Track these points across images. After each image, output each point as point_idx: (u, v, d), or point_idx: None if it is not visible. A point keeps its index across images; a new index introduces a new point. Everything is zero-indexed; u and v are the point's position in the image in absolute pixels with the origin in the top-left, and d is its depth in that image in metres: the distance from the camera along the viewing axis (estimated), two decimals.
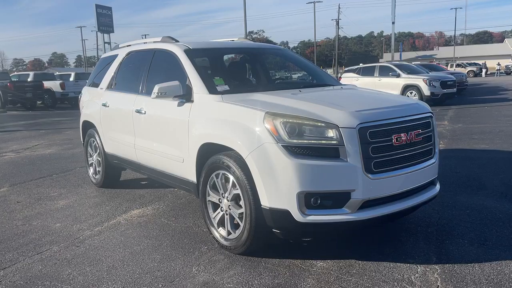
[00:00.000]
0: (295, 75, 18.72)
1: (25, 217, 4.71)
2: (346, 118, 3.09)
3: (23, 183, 6.28)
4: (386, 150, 3.17)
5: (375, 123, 3.15)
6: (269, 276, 3.11)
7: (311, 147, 3.05)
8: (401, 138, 3.22)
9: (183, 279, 3.12)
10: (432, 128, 3.57)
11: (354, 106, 3.35)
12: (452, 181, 5.43)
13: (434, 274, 3.05)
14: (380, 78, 16.67)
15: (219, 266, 3.30)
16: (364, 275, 3.07)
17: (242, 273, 3.17)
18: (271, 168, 3.08)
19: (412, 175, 3.34)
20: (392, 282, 2.96)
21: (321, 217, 3.08)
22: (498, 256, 3.29)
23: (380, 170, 3.14)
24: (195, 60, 4.18)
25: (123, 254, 3.60)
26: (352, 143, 3.03)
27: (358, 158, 3.04)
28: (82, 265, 3.42)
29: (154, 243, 3.81)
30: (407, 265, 3.20)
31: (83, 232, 4.16)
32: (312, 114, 3.15)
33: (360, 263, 3.26)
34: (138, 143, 4.68)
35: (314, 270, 3.18)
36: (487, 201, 4.56)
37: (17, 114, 20.08)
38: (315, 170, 3.02)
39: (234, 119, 3.41)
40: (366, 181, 3.07)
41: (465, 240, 3.61)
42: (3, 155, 8.87)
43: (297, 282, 3.01)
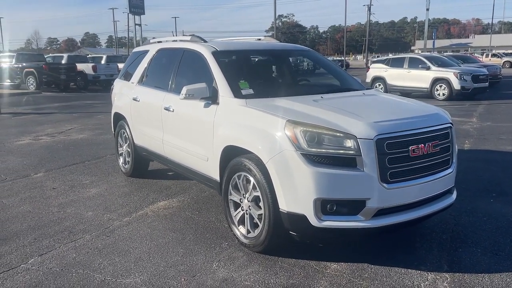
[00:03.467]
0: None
1: (60, 204, 5.03)
2: (364, 129, 3.21)
3: (58, 169, 6.64)
4: (402, 161, 3.28)
5: (392, 135, 3.25)
6: (285, 276, 3.30)
7: (329, 156, 3.19)
8: (418, 149, 3.32)
9: (204, 274, 3.34)
10: (450, 138, 3.64)
11: (373, 116, 3.46)
12: (473, 185, 5.46)
13: (444, 282, 3.17)
14: (410, 70, 16.44)
15: (238, 263, 3.50)
16: (375, 280, 3.22)
17: (259, 272, 3.36)
18: (290, 174, 3.24)
19: (427, 185, 3.43)
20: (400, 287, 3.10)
21: (336, 223, 3.23)
22: (510, 267, 3.37)
23: (396, 180, 3.26)
24: (221, 62, 4.34)
25: (149, 246, 3.85)
26: (369, 153, 3.16)
27: (375, 168, 3.16)
28: (112, 255, 3.68)
29: (178, 236, 4.05)
30: (418, 272, 3.33)
31: (113, 222, 4.44)
32: (332, 123, 3.28)
33: (372, 267, 3.41)
34: (166, 138, 4.90)
35: (327, 272, 3.34)
36: (506, 208, 4.60)
37: (51, 95, 20.75)
38: (332, 178, 3.16)
39: (257, 125, 3.57)
40: (382, 191, 3.19)
41: (479, 248, 3.70)
42: (39, 139, 9.31)
43: (311, 283, 3.19)
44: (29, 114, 13.93)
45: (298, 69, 5.25)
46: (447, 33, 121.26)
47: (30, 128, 10.86)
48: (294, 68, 5.09)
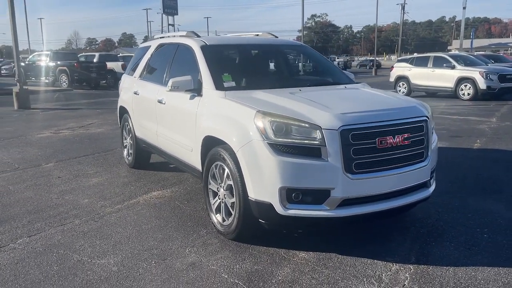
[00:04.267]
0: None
1: (61, 191, 5.29)
2: (329, 120, 3.26)
3: (68, 160, 6.95)
4: (368, 152, 3.30)
5: (357, 126, 3.29)
6: (251, 262, 3.39)
7: (295, 146, 3.26)
8: (386, 141, 3.34)
9: (174, 258, 3.47)
10: (425, 132, 3.63)
11: (343, 108, 3.50)
12: (470, 182, 5.37)
13: (405, 273, 3.18)
14: (434, 69, 16.09)
15: (210, 249, 3.62)
16: (338, 269, 3.26)
17: (228, 257, 3.47)
18: (257, 164, 3.33)
19: (397, 177, 3.44)
20: (362, 277, 3.13)
21: (301, 212, 3.29)
22: (478, 261, 3.34)
23: (361, 171, 3.29)
24: (208, 55, 4.46)
25: (131, 231, 4.02)
26: (333, 144, 3.21)
27: (339, 158, 3.21)
28: (94, 238, 3.87)
29: (161, 223, 4.20)
30: (384, 263, 3.35)
31: (104, 209, 4.64)
32: (299, 114, 3.34)
33: (339, 257, 3.45)
34: (159, 130, 5.08)
35: (294, 260, 3.41)
36: (495, 206, 4.51)
37: (81, 92, 21.51)
38: (296, 168, 3.23)
39: (231, 116, 3.68)
40: (346, 181, 3.24)
41: (453, 243, 3.67)
42: (59, 132, 9.73)
43: (274, 269, 3.26)
44: (56, 109, 14.52)
45: (290, 64, 5.27)
46: (487, 33, 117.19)
47: (54, 122, 11.36)
48: (283, 62, 5.13)
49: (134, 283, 3.09)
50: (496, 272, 3.17)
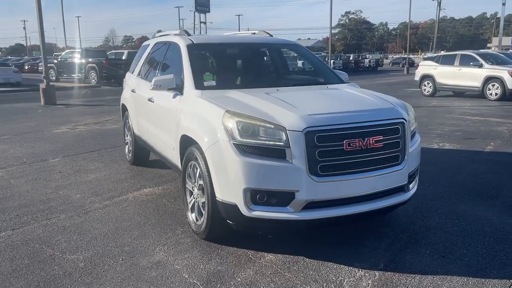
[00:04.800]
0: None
1: (57, 186, 5.43)
2: (295, 121, 3.20)
3: (74, 155, 7.13)
4: (335, 155, 3.22)
5: (323, 128, 3.21)
6: (216, 262, 3.37)
7: (260, 147, 3.21)
8: (354, 143, 3.24)
9: (143, 256, 3.50)
10: (401, 134, 3.50)
11: (313, 108, 3.43)
12: (467, 187, 5.16)
13: (368, 280, 3.09)
14: (460, 68, 15.52)
15: (180, 248, 3.62)
16: (301, 273, 3.20)
17: (195, 257, 3.46)
18: (223, 164, 3.31)
19: (366, 181, 3.34)
20: (322, 282, 3.07)
21: (265, 213, 3.25)
22: (449, 271, 3.20)
23: (327, 174, 3.21)
24: (193, 54, 4.47)
25: (110, 227, 4.08)
26: (297, 145, 3.14)
27: (303, 160, 3.14)
28: (72, 233, 3.95)
29: (141, 220, 4.25)
30: (350, 268, 3.26)
31: (92, 205, 4.73)
32: (267, 115, 3.29)
33: (307, 260, 3.38)
34: (150, 128, 5.13)
35: (259, 262, 3.37)
36: (486, 213, 4.32)
37: (108, 89, 22.04)
38: (260, 169, 3.19)
39: (203, 115, 3.67)
40: (311, 183, 3.17)
41: (429, 250, 3.53)
42: (75, 128, 10.01)
43: (236, 271, 3.24)
44: (80, 105, 14.95)
45: (277, 63, 5.19)
46: None
47: (73, 118, 11.69)
48: (270, 61, 5.07)
49: (95, 280, 3.13)
50: (463, 283, 3.04)
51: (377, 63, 48.61)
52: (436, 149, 7.39)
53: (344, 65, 41.01)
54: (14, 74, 21.60)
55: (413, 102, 14.85)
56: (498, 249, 3.53)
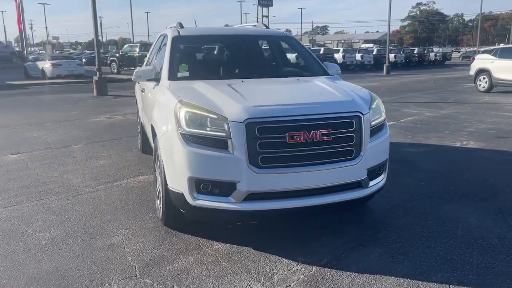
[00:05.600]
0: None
1: (65, 170, 5.81)
2: (237, 112, 3.21)
3: (95, 143, 7.56)
4: (277, 147, 3.19)
5: (265, 119, 3.19)
6: (164, 248, 3.48)
7: (204, 137, 3.26)
8: (298, 136, 3.18)
9: (101, 238, 3.68)
10: (355, 128, 3.38)
11: (263, 100, 3.41)
12: (465, 188, 4.85)
13: (301, 275, 3.04)
14: None
15: (139, 233, 3.77)
16: (238, 263, 3.22)
17: (147, 242, 3.59)
18: (171, 153, 3.40)
19: (312, 174, 3.28)
20: (253, 274, 3.07)
21: (208, 203, 3.30)
22: (390, 271, 3.07)
23: (269, 166, 3.19)
24: (176, 46, 4.59)
25: (88, 210, 4.32)
26: (238, 136, 3.15)
27: (243, 151, 3.15)
28: (52, 214, 4.23)
29: (120, 205, 4.45)
30: (290, 262, 3.23)
31: (86, 189, 5.02)
32: (214, 106, 3.33)
33: (251, 252, 3.39)
34: (143, 117, 5.34)
35: (205, 250, 3.43)
36: (469, 216, 4.05)
37: None
38: (203, 159, 3.24)
39: (164, 105, 3.78)
40: (251, 175, 3.17)
41: (381, 249, 3.40)
42: (112, 118, 10.57)
43: (178, 257, 3.32)
44: (128, 96, 15.64)
45: (261, 54, 5.17)
46: None
47: (115, 108, 12.32)
48: (254, 53, 5.02)
49: (46, 257, 3.35)
50: (397, 284, 2.90)
51: (444, 57, 46.04)
52: (455, 147, 6.97)
53: (406, 58, 39.24)
54: (77, 67, 23.08)
55: (463, 98, 14.05)
56: (456, 253, 3.32)
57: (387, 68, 29.23)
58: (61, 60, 23.74)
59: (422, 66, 40.45)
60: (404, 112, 10.99)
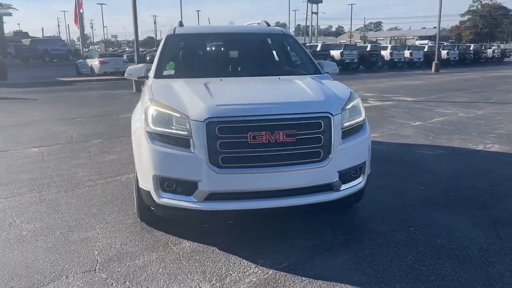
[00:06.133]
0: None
1: (75, 164, 6.04)
2: (199, 111, 3.19)
3: (115, 138, 7.81)
4: (238, 147, 3.15)
5: (226, 119, 3.15)
6: (133, 244, 3.53)
7: (168, 135, 3.28)
8: (260, 136, 3.12)
9: (78, 231, 3.79)
10: (324, 129, 3.26)
11: (229, 99, 3.39)
12: (468, 194, 4.59)
13: (255, 277, 3.01)
14: None
15: (116, 228, 3.85)
16: (197, 262, 3.22)
17: (120, 237, 3.66)
18: (139, 151, 3.45)
19: (277, 176, 3.21)
20: (208, 274, 3.06)
21: (172, 201, 3.32)
22: (347, 279, 2.96)
23: (230, 166, 3.15)
24: (169, 45, 4.64)
25: (79, 203, 4.46)
26: (199, 135, 3.14)
27: (203, 151, 3.13)
28: (45, 206, 4.41)
29: (110, 199, 4.57)
30: (249, 264, 3.19)
31: (86, 182, 5.20)
32: (180, 105, 3.33)
33: (215, 252, 3.38)
34: None
35: (171, 248, 3.45)
36: (457, 225, 3.82)
37: None
38: (167, 157, 3.26)
39: (141, 103, 3.83)
40: (212, 175, 3.15)
41: (349, 255, 3.29)
42: None
43: (142, 254, 3.37)
44: None
45: (253, 53, 5.10)
46: None
47: None
48: (246, 52, 4.94)
49: (20, 247, 3.50)
50: None
51: (503, 54, 43.46)
52: (476, 150, 6.56)
53: (460, 55, 37.38)
54: (123, 64, 23.87)
55: (509, 98, 13.23)
56: (426, 263, 3.14)
57: (436, 65, 28.04)
58: (109, 57, 24.69)
59: (477, 63, 38.45)
60: (437, 112, 10.50)
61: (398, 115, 10.03)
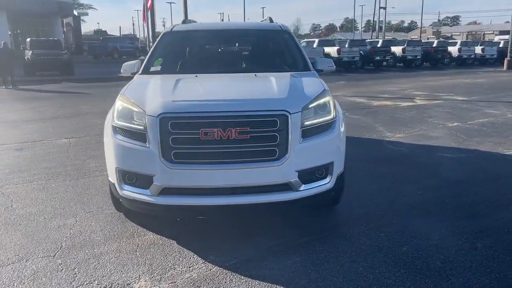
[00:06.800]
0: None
1: (92, 156, 6.35)
2: (154, 106, 3.25)
3: None
4: (190, 143, 3.17)
5: (178, 115, 3.18)
6: (102, 233, 3.67)
7: (128, 130, 3.38)
8: (212, 133, 3.12)
9: (59, 218, 3.99)
10: (280, 128, 3.18)
11: (185, 96, 3.44)
12: (464, 201, 4.27)
13: (195, 273, 3.02)
14: None
15: (94, 217, 4.02)
16: (149, 254, 3.29)
17: (94, 225, 3.83)
18: (107, 144, 3.58)
19: (230, 173, 3.19)
20: (153, 266, 3.12)
21: (132, 194, 3.41)
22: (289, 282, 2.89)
23: (182, 162, 3.18)
24: (164, 41, 4.76)
25: (76, 192, 4.70)
26: (153, 130, 3.21)
27: (157, 146, 3.19)
28: (45, 193, 4.69)
29: (105, 190, 4.74)
30: (198, 259, 3.22)
31: (94, 173, 5.47)
32: (142, 100, 3.41)
33: (173, 245, 3.43)
34: None
35: (133, 239, 3.55)
36: (433, 233, 3.57)
37: None
38: (125, 151, 3.37)
39: None
40: (164, 170, 3.20)
41: (302, 258, 3.20)
42: None
43: (105, 243, 3.50)
44: None
45: (246, 50, 5.05)
46: None
47: None
48: (238, 49, 4.89)
49: (4, 229, 3.76)
50: None
51: None
52: (503, 155, 6.06)
53: (500, 53, 33.02)
54: None
55: None
56: (376, 272, 2.98)
57: (508, 62, 26.07)
58: None
59: None
60: (484, 112, 9.79)
61: (437, 115, 9.49)
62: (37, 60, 20.40)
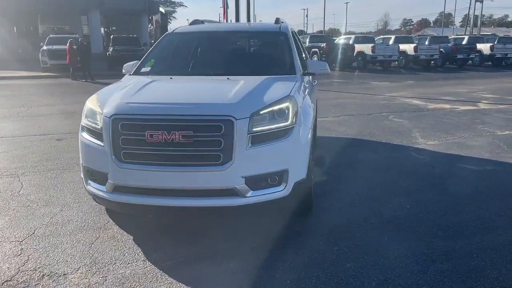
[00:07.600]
0: None
1: None
2: (110, 108, 3.43)
3: None
4: (137, 144, 3.29)
5: (127, 116, 3.32)
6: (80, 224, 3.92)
7: (91, 129, 3.61)
8: (157, 135, 3.21)
9: (50, 207, 4.34)
10: (224, 133, 3.18)
11: (145, 97, 3.58)
12: (447, 218, 3.91)
13: (128, 270, 3.13)
14: None
15: (82, 208, 4.29)
16: (101, 248, 3.47)
17: (76, 216, 4.10)
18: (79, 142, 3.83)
19: (174, 176, 3.27)
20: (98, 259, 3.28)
21: (93, 190, 3.63)
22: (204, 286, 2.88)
23: (129, 161, 3.32)
24: (164, 43, 4.95)
25: (72, 186, 4.97)
26: (106, 130, 3.39)
27: (109, 145, 3.36)
28: (52, 182, 5.10)
29: None
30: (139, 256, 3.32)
31: None
32: (105, 101, 3.60)
33: (128, 241, 3.59)
34: None
35: (97, 232, 3.76)
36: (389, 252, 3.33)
37: None
38: (87, 149, 3.61)
39: None
40: (115, 168, 3.37)
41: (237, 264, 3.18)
42: None
43: (71, 233, 3.75)
44: None
45: (238, 52, 4.98)
46: None
47: None
48: (231, 51, 4.83)
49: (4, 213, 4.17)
50: None
51: None
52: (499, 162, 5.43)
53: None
54: None
55: None
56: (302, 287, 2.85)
57: None
58: None
59: None
60: None
61: (491, 122, 8.70)
62: (117, 55, 21.92)
